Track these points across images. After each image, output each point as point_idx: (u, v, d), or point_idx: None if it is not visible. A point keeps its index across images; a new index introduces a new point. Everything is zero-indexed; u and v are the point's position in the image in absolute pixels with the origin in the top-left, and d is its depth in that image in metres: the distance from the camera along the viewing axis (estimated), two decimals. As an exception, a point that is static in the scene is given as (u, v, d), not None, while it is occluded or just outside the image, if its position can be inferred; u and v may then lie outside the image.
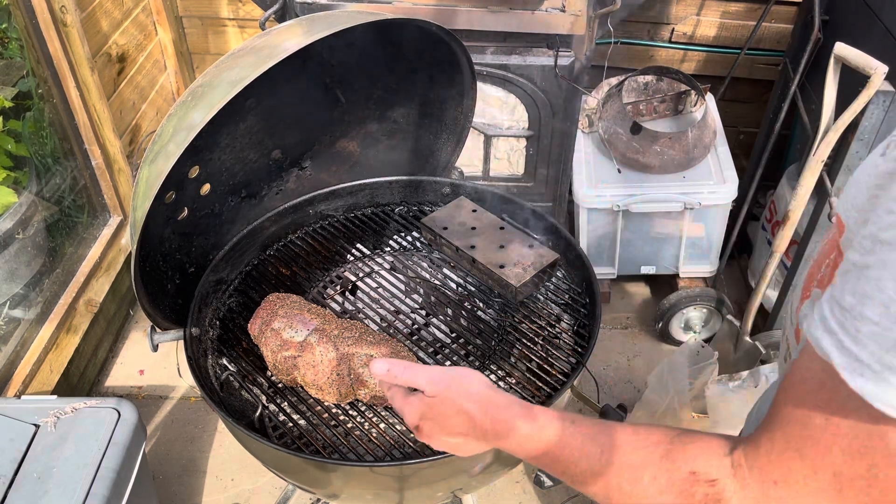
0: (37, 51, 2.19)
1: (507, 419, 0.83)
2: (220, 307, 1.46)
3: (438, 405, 0.87)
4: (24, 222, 2.16)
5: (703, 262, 2.51)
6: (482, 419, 0.84)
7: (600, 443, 0.76)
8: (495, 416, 0.84)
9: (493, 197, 1.63)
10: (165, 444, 2.21)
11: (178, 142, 1.07)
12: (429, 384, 0.89)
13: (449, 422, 0.87)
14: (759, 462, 0.65)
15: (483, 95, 2.03)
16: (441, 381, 0.88)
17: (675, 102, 2.50)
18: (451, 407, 0.86)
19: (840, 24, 2.09)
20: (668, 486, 0.70)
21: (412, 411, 0.90)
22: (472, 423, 0.85)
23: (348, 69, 1.48)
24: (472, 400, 0.86)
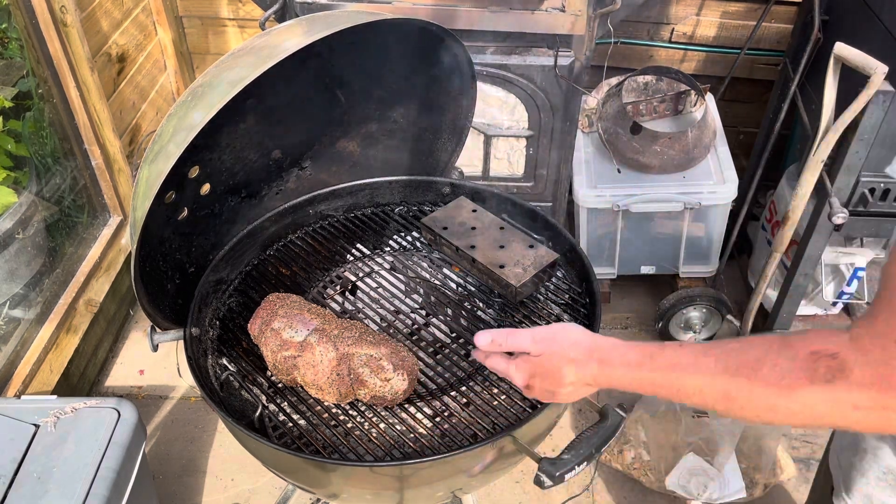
0: (37, 51, 2.19)
1: (614, 358, 0.88)
2: (220, 307, 1.46)
3: (546, 362, 0.94)
4: (24, 222, 2.16)
5: (703, 262, 2.51)
6: (590, 364, 0.90)
7: (713, 354, 0.79)
8: (602, 358, 0.89)
9: (492, 197, 1.63)
10: (165, 444, 2.21)
11: (178, 142, 1.07)
12: (533, 344, 0.95)
13: (558, 374, 0.93)
14: (877, 327, 0.68)
15: (483, 95, 2.03)
16: (544, 339, 0.94)
17: (675, 102, 2.50)
18: (558, 360, 0.93)
19: (840, 24, 2.09)
20: (790, 368, 0.72)
21: (521, 374, 0.97)
22: (581, 370, 0.91)
23: (348, 69, 1.48)
24: (576, 349, 0.92)
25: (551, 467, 1.05)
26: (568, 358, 0.92)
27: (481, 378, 1.29)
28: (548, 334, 0.95)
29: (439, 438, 1.19)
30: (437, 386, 1.28)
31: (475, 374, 1.30)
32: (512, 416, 1.21)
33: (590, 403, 1.21)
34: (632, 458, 2.12)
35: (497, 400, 1.24)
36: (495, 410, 1.22)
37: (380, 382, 1.19)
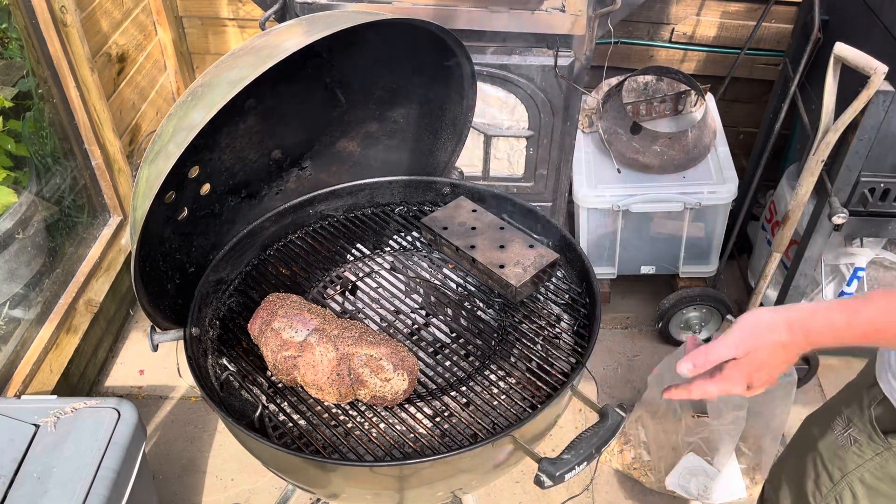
0: (37, 51, 2.19)
1: (819, 326, 0.93)
2: (220, 307, 1.46)
3: (755, 357, 0.97)
4: (24, 222, 2.16)
5: (703, 262, 2.51)
6: (796, 338, 0.94)
7: None
8: (807, 329, 0.93)
9: (492, 197, 1.63)
10: (165, 444, 2.21)
11: (178, 142, 1.07)
12: (735, 349, 0.98)
13: (771, 361, 0.97)
14: None
15: (483, 95, 2.03)
16: (743, 339, 0.97)
17: (675, 102, 2.50)
18: (767, 351, 0.96)
19: (840, 24, 2.09)
20: None
21: (738, 381, 0.99)
22: (790, 348, 0.95)
23: (348, 69, 1.48)
24: (777, 331, 0.95)
25: (551, 467, 1.05)
26: (775, 343, 0.95)
27: (481, 378, 1.29)
28: (744, 333, 0.97)
29: (439, 438, 1.19)
30: (437, 386, 1.28)
31: (475, 374, 1.30)
32: (512, 416, 1.21)
33: (590, 403, 1.21)
34: (632, 458, 2.12)
35: (497, 400, 1.24)
36: (495, 410, 1.22)
37: (380, 382, 1.19)
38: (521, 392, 1.25)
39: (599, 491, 2.12)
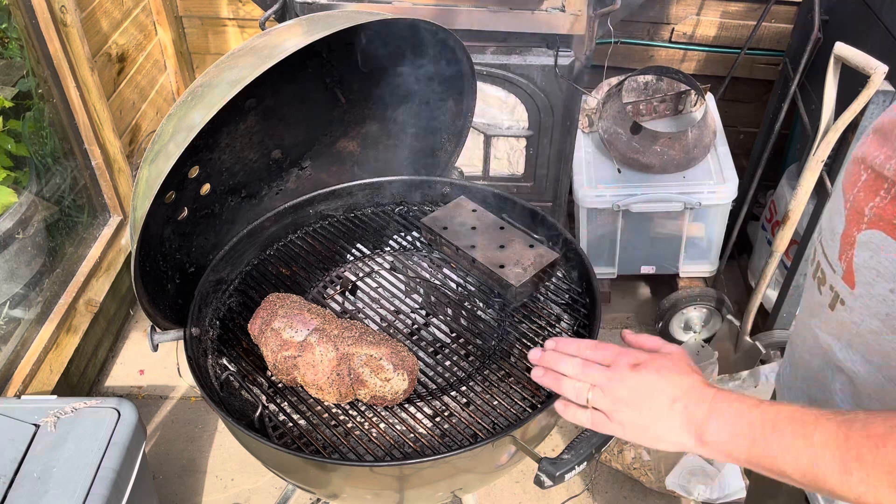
0: (37, 51, 2.19)
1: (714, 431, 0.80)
2: (220, 307, 1.46)
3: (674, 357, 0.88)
4: (24, 222, 2.16)
5: (703, 261, 2.51)
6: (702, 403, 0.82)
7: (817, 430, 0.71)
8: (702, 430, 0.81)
9: (492, 197, 1.63)
10: (165, 444, 2.21)
11: (178, 142, 1.07)
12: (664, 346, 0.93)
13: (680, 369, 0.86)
14: None
15: (483, 95, 2.03)
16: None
17: (675, 102, 2.50)
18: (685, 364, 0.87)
19: (840, 24, 2.09)
20: None
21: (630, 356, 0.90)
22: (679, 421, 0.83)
23: (348, 69, 1.48)
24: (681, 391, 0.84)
25: (551, 467, 1.05)
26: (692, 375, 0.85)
27: (481, 378, 1.29)
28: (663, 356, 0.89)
29: (439, 438, 1.19)
30: (437, 386, 1.28)
31: (475, 374, 1.30)
32: (512, 416, 1.21)
33: (590, 403, 1.21)
34: (632, 458, 2.12)
35: (497, 400, 1.24)
36: (495, 410, 1.22)
37: (380, 382, 1.19)
38: (521, 392, 1.25)
39: (599, 491, 2.12)
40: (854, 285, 0.83)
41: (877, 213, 0.79)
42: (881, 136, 0.82)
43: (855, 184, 0.84)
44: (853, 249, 0.82)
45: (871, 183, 0.80)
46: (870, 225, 0.80)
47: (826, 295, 0.89)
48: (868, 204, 0.80)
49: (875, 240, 0.79)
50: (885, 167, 0.78)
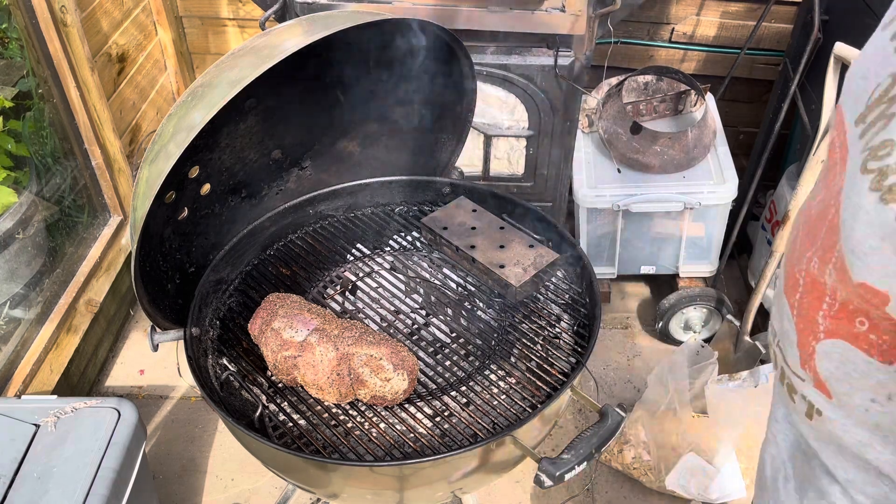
0: (37, 51, 2.19)
1: None
2: (220, 307, 1.46)
3: None
4: (24, 222, 2.16)
5: (702, 261, 2.51)
6: None
7: None
8: None
9: (492, 197, 1.63)
10: (165, 443, 2.21)
11: (178, 142, 1.07)
12: None
13: None
14: None
15: (483, 95, 2.03)
16: None
17: (675, 102, 2.50)
18: None
19: (840, 24, 2.09)
20: None
21: None
22: None
23: (348, 69, 1.48)
24: None
25: (551, 467, 1.05)
26: None
27: (481, 378, 1.29)
28: None
29: (439, 438, 1.19)
30: (437, 386, 1.28)
31: (475, 374, 1.30)
32: (512, 416, 1.21)
33: (590, 403, 1.21)
34: (632, 458, 2.12)
35: (497, 400, 1.24)
36: (495, 410, 1.22)
37: (380, 382, 1.19)
38: (521, 392, 1.25)
39: (599, 491, 2.12)
40: (831, 395, 0.74)
41: (831, 322, 0.72)
42: (809, 231, 0.75)
43: (795, 289, 0.77)
44: (814, 360, 0.75)
45: (811, 289, 0.74)
46: (827, 335, 0.72)
47: (800, 404, 0.81)
48: (817, 312, 0.73)
49: (837, 350, 0.72)
50: (823, 274, 0.71)
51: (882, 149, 0.63)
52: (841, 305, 0.70)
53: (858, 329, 0.68)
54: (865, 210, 0.64)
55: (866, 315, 0.67)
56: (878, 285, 0.64)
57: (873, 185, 0.63)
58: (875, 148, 0.63)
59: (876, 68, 0.66)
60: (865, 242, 0.64)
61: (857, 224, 0.65)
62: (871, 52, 0.69)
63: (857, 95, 0.68)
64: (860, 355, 0.69)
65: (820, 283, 0.72)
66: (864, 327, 0.67)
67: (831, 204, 0.71)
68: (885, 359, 0.67)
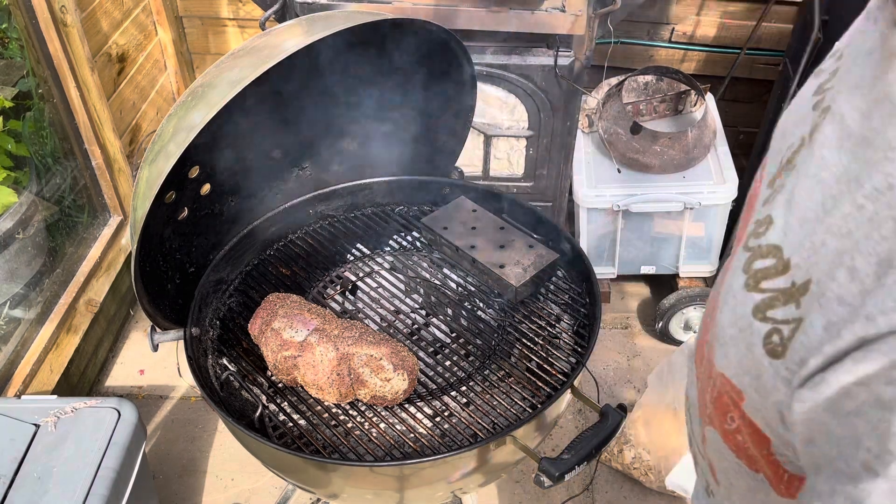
0: (37, 51, 2.19)
1: None
2: (220, 307, 1.46)
3: None
4: (24, 222, 2.16)
5: (702, 261, 2.51)
6: None
7: None
8: None
9: (492, 197, 1.63)
10: (165, 443, 2.21)
11: (178, 142, 1.07)
12: None
13: None
14: None
15: (483, 95, 2.03)
16: None
17: (675, 102, 2.50)
18: None
19: (840, 24, 2.09)
20: None
21: None
22: None
23: (348, 69, 1.48)
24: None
25: (551, 467, 1.05)
26: None
27: (481, 378, 1.29)
28: None
29: (439, 438, 1.19)
30: (437, 386, 1.28)
31: (475, 374, 1.30)
32: (512, 416, 1.21)
33: (590, 403, 1.21)
34: (632, 458, 2.12)
35: (497, 400, 1.24)
36: (495, 410, 1.22)
37: (380, 382, 1.19)
38: (521, 392, 1.25)
39: (599, 491, 2.12)
40: (717, 481, 0.66)
41: (712, 410, 0.62)
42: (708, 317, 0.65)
43: (700, 360, 0.67)
44: (705, 444, 0.67)
45: (706, 367, 0.64)
46: (709, 421, 0.63)
47: (700, 477, 0.74)
48: (706, 394, 0.63)
49: (714, 441, 0.62)
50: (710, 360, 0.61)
51: (762, 225, 0.53)
52: (719, 394, 0.59)
53: (729, 426, 0.59)
54: (733, 293, 0.55)
55: (733, 411, 0.57)
56: (734, 380, 0.55)
57: (744, 266, 0.53)
58: (759, 223, 0.54)
59: (793, 126, 0.57)
60: (726, 331, 0.55)
61: (725, 308, 0.56)
62: (794, 105, 0.60)
63: (774, 154, 0.58)
64: (731, 454, 0.60)
65: (709, 362, 0.62)
66: (734, 425, 0.57)
67: (725, 276, 0.60)
68: (751, 466, 0.57)
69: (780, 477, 0.55)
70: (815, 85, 0.55)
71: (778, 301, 0.48)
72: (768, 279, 0.50)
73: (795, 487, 0.54)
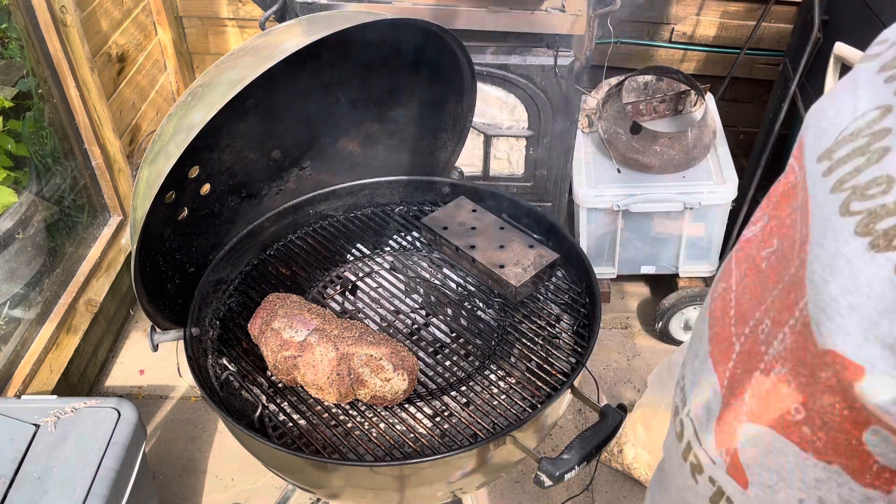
0: (37, 51, 2.19)
1: None
2: (220, 307, 1.46)
3: None
4: (24, 222, 2.16)
5: (702, 261, 2.51)
6: None
7: None
8: None
9: (492, 197, 1.63)
10: (165, 444, 2.21)
11: (178, 142, 1.07)
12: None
13: None
14: None
15: (483, 95, 2.03)
16: None
17: (675, 102, 2.50)
18: None
19: (840, 24, 2.09)
20: None
21: None
22: None
23: (348, 69, 1.48)
24: None
25: (551, 467, 1.05)
26: None
27: (481, 378, 1.29)
28: None
29: (439, 438, 1.19)
30: (437, 386, 1.28)
31: (475, 374, 1.30)
32: (512, 416, 1.21)
33: (590, 403, 1.21)
34: (632, 458, 2.12)
35: (497, 400, 1.24)
36: (495, 410, 1.22)
37: (380, 382, 1.19)
38: (521, 392, 1.25)
39: (599, 491, 2.12)
40: (747, 486, 0.64)
41: (758, 405, 0.60)
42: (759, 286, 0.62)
43: (726, 356, 0.65)
44: (735, 443, 0.64)
45: (747, 358, 0.62)
46: (753, 417, 0.61)
47: (704, 486, 0.71)
48: (746, 389, 0.62)
49: (765, 439, 0.61)
50: (772, 340, 0.59)
51: (873, 186, 0.52)
52: (776, 383, 0.58)
53: (793, 417, 0.57)
54: (847, 259, 0.52)
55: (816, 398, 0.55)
56: (850, 355, 0.51)
57: (860, 228, 0.51)
58: (862, 186, 0.52)
59: (850, 107, 0.56)
60: (842, 300, 0.52)
61: (834, 277, 0.53)
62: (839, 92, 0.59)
63: (825, 129, 0.58)
64: (792, 447, 0.58)
65: (758, 353, 0.60)
66: (800, 416, 0.56)
67: (793, 256, 0.59)
68: (822, 457, 0.56)
69: (867, 467, 0.54)
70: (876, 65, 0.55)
71: None
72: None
73: (888, 480, 0.53)
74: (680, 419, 0.75)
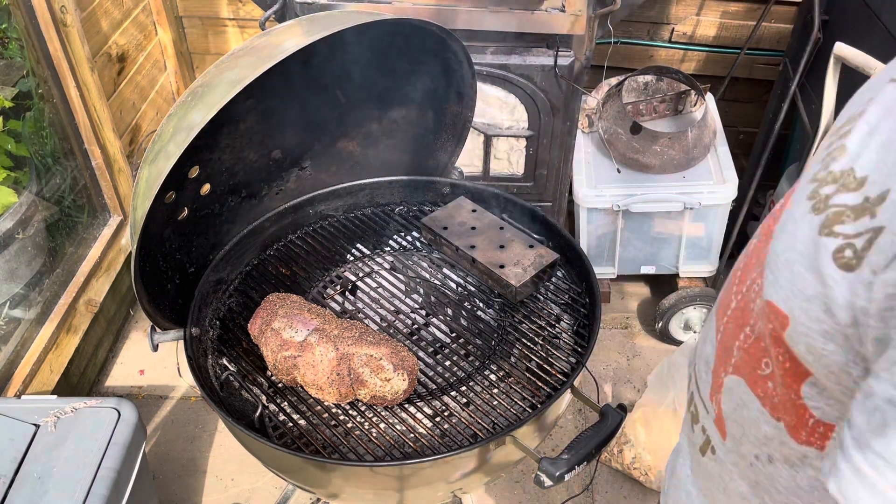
0: (37, 51, 2.19)
1: None
2: (220, 307, 1.46)
3: None
4: (24, 222, 2.16)
5: (702, 261, 2.51)
6: None
7: None
8: None
9: (492, 197, 1.63)
10: (165, 444, 2.21)
11: (178, 142, 1.07)
12: None
13: None
14: None
15: (483, 95, 2.03)
16: None
17: (675, 102, 2.50)
18: None
19: (840, 24, 2.09)
20: None
21: None
22: None
23: (348, 69, 1.48)
24: None
25: (551, 467, 1.05)
26: None
27: (481, 378, 1.29)
28: None
29: (439, 438, 1.19)
30: (437, 386, 1.28)
31: (475, 374, 1.30)
32: (512, 416, 1.21)
33: (590, 403, 1.21)
34: (632, 458, 2.12)
35: (497, 400, 1.24)
36: (495, 410, 1.22)
37: (380, 382, 1.19)
38: (521, 392, 1.25)
39: (599, 491, 2.12)
40: (725, 436, 0.67)
41: (741, 356, 0.64)
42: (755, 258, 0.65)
43: (725, 310, 0.69)
44: (721, 393, 0.68)
45: (739, 314, 0.66)
46: (735, 369, 0.65)
47: (698, 435, 0.75)
48: (734, 341, 0.66)
49: (736, 389, 0.65)
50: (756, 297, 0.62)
51: (831, 156, 0.55)
52: (755, 339, 0.61)
53: (762, 371, 0.61)
54: (794, 219, 0.56)
55: (770, 351, 0.58)
56: (781, 305, 0.56)
57: (810, 192, 0.56)
58: (828, 156, 0.56)
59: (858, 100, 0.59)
60: (782, 255, 0.56)
61: (782, 235, 0.58)
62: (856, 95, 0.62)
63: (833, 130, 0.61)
64: (756, 402, 0.62)
65: (748, 310, 0.64)
66: (767, 370, 0.59)
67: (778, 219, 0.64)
68: (773, 413, 0.59)
69: (803, 422, 0.56)
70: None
71: (848, 217, 0.50)
72: (838, 195, 0.52)
73: (821, 434, 0.55)
74: (690, 371, 0.80)
